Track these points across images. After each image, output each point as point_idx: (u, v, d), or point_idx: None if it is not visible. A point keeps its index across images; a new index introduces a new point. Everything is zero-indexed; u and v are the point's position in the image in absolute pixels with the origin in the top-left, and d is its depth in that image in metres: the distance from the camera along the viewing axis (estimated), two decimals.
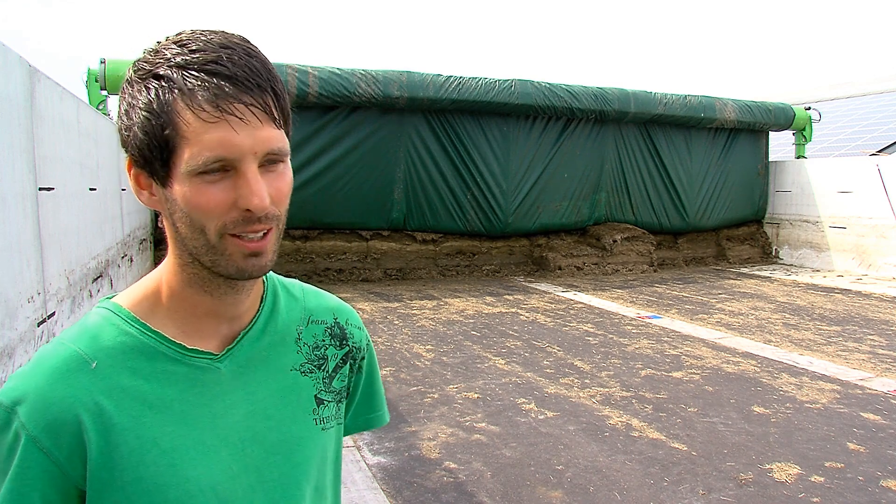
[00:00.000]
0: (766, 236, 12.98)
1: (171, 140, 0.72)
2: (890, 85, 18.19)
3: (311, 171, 9.46)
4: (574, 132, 10.95)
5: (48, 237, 3.47)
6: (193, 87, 0.71)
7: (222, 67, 0.72)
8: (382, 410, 1.04)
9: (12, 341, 2.73)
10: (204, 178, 0.72)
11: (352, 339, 0.96)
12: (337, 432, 0.93)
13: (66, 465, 0.73)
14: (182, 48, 0.74)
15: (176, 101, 0.72)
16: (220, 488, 0.78)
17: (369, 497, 3.22)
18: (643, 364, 5.53)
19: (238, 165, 0.73)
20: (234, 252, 0.75)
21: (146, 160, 0.75)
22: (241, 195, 0.73)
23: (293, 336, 0.90)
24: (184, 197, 0.73)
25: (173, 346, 0.80)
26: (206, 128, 0.71)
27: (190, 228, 0.75)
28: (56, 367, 0.75)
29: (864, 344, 6.21)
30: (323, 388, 0.91)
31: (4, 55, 2.85)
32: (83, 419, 0.73)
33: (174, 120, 0.71)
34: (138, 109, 0.74)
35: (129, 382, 0.77)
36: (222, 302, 0.82)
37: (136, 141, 0.74)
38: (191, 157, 0.71)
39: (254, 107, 0.73)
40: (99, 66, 8.48)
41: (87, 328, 0.79)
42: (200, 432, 0.79)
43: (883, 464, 3.58)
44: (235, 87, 0.72)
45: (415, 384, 4.98)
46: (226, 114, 0.71)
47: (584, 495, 3.26)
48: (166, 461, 0.76)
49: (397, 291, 9.15)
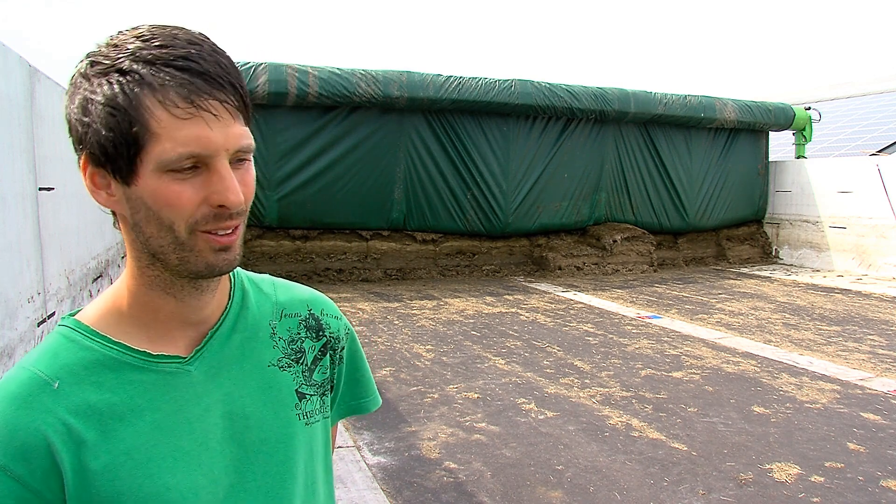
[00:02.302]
0: (766, 236, 12.98)
1: (139, 136, 0.70)
2: (890, 85, 18.18)
3: (311, 171, 9.46)
4: (574, 132, 10.94)
5: (48, 237, 3.47)
6: (164, 82, 0.70)
7: (193, 63, 0.71)
8: (369, 397, 1.02)
9: (12, 341, 2.73)
10: (174, 175, 0.71)
11: (328, 329, 0.94)
12: (323, 426, 0.92)
13: (42, 491, 0.71)
14: (146, 43, 0.71)
15: (145, 97, 0.70)
16: (203, 492, 0.77)
17: (369, 497, 3.22)
18: (643, 364, 5.53)
19: (210, 162, 0.72)
20: (204, 248, 0.74)
21: (107, 158, 0.72)
22: (215, 191, 0.72)
23: (267, 332, 0.88)
24: (152, 194, 0.71)
25: (137, 355, 0.78)
26: (178, 124, 0.70)
27: (157, 227, 0.73)
28: (17, 392, 0.73)
29: (864, 344, 6.21)
30: (304, 381, 0.89)
31: (4, 55, 2.85)
32: (52, 441, 0.71)
33: (143, 116, 0.70)
34: (98, 105, 0.71)
35: (95, 397, 0.75)
36: (186, 305, 0.80)
37: (96, 138, 0.71)
38: (162, 153, 0.70)
39: (226, 103, 0.72)
40: None
41: (45, 349, 0.77)
42: (177, 438, 0.77)
43: (883, 464, 3.58)
44: (207, 83, 0.71)
45: (415, 384, 4.98)
46: (200, 110, 0.70)
47: (584, 495, 3.26)
48: (143, 472, 0.74)
49: (397, 291, 9.15)
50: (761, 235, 12.98)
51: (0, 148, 2.73)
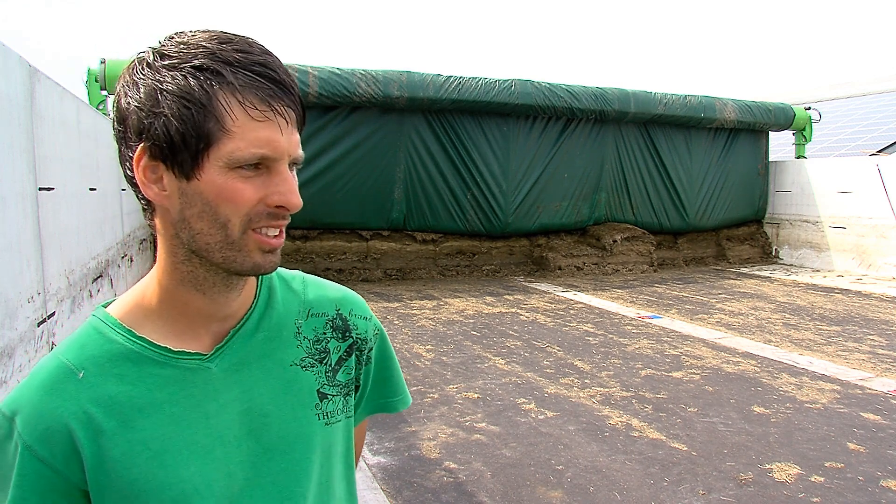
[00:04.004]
0: (766, 236, 12.98)
1: (212, 132, 0.72)
2: (890, 85, 18.19)
3: (311, 171, 9.46)
4: (574, 132, 10.95)
5: (48, 237, 3.47)
6: (245, 83, 0.73)
7: (271, 71, 0.75)
8: (398, 397, 1.03)
9: (12, 341, 2.73)
10: (240, 173, 0.74)
11: (356, 330, 0.95)
12: (345, 425, 0.92)
13: (64, 471, 0.75)
14: (224, 45, 0.74)
15: (224, 95, 0.72)
16: (217, 486, 0.79)
17: (369, 497, 3.22)
18: (643, 364, 5.53)
19: (274, 165, 0.76)
20: (254, 248, 0.77)
21: (172, 150, 0.73)
22: (277, 192, 0.75)
23: (292, 331, 0.89)
24: (215, 190, 0.74)
25: (159, 350, 0.80)
26: (253, 125, 0.73)
27: (210, 223, 0.75)
28: (45, 379, 0.78)
29: (864, 344, 6.21)
30: (326, 382, 0.90)
31: (4, 55, 2.85)
32: (73, 427, 0.75)
33: (220, 112, 0.72)
34: (168, 96, 0.72)
35: (116, 389, 0.78)
36: (213, 301, 0.82)
37: (164, 129, 0.72)
38: (235, 151, 0.73)
39: (294, 112, 0.77)
40: (99, 66, 8.48)
41: (76, 339, 0.81)
42: (193, 432, 0.79)
43: (883, 464, 3.58)
44: (282, 90, 0.75)
45: (415, 384, 4.98)
46: (276, 115, 0.74)
47: (584, 495, 3.26)
48: (158, 463, 0.77)
49: (397, 291, 9.15)
50: (761, 235, 12.98)
51: (0, 148, 2.73)
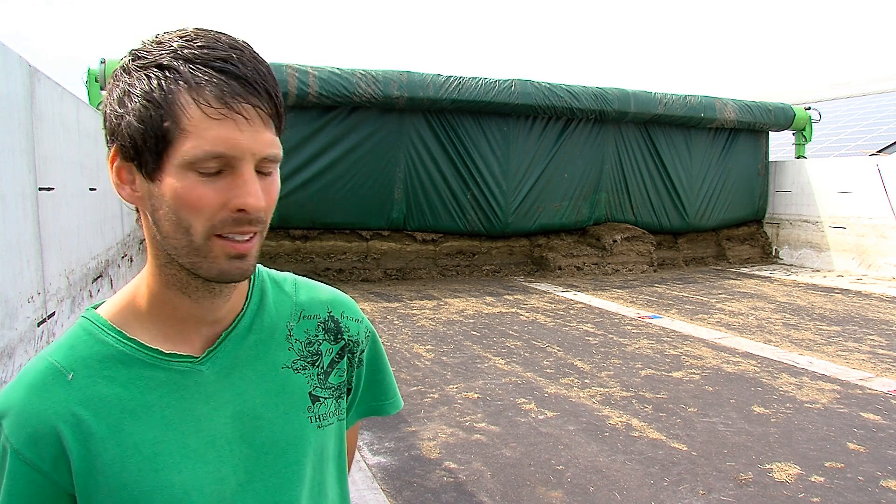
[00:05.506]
0: (766, 236, 12.98)
1: (169, 132, 0.71)
2: (890, 85, 18.18)
3: (311, 171, 9.45)
4: (574, 132, 10.94)
5: (48, 237, 3.47)
6: (201, 81, 0.71)
7: (233, 67, 0.72)
8: (389, 400, 1.02)
9: (12, 341, 2.73)
10: (198, 176, 0.71)
11: (347, 332, 0.94)
12: (338, 428, 0.92)
13: (52, 474, 0.74)
14: (189, 42, 0.73)
15: (180, 93, 0.71)
16: (208, 490, 0.78)
17: (369, 497, 3.22)
18: (643, 364, 5.53)
19: (236, 165, 0.72)
20: (219, 254, 0.74)
21: (136, 151, 0.73)
22: (236, 194, 0.72)
23: (283, 333, 0.88)
24: (174, 192, 0.72)
25: (150, 352, 0.79)
26: (209, 123, 0.70)
27: (174, 227, 0.73)
28: (33, 380, 0.76)
29: (864, 344, 6.21)
30: (318, 384, 0.89)
31: (4, 55, 2.85)
32: (61, 430, 0.74)
33: (176, 111, 0.70)
34: (135, 97, 0.72)
35: (106, 391, 0.76)
36: (200, 305, 0.81)
37: (128, 130, 0.72)
38: (189, 150, 0.70)
39: (259, 109, 0.73)
40: (99, 66, 8.48)
41: (65, 340, 0.80)
42: (184, 436, 0.78)
43: (883, 464, 3.58)
44: (244, 87, 0.72)
45: (415, 384, 4.98)
46: (233, 112, 0.71)
47: (584, 495, 3.26)
48: (149, 466, 0.76)
49: (397, 291, 9.15)
50: (761, 235, 12.98)
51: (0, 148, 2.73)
